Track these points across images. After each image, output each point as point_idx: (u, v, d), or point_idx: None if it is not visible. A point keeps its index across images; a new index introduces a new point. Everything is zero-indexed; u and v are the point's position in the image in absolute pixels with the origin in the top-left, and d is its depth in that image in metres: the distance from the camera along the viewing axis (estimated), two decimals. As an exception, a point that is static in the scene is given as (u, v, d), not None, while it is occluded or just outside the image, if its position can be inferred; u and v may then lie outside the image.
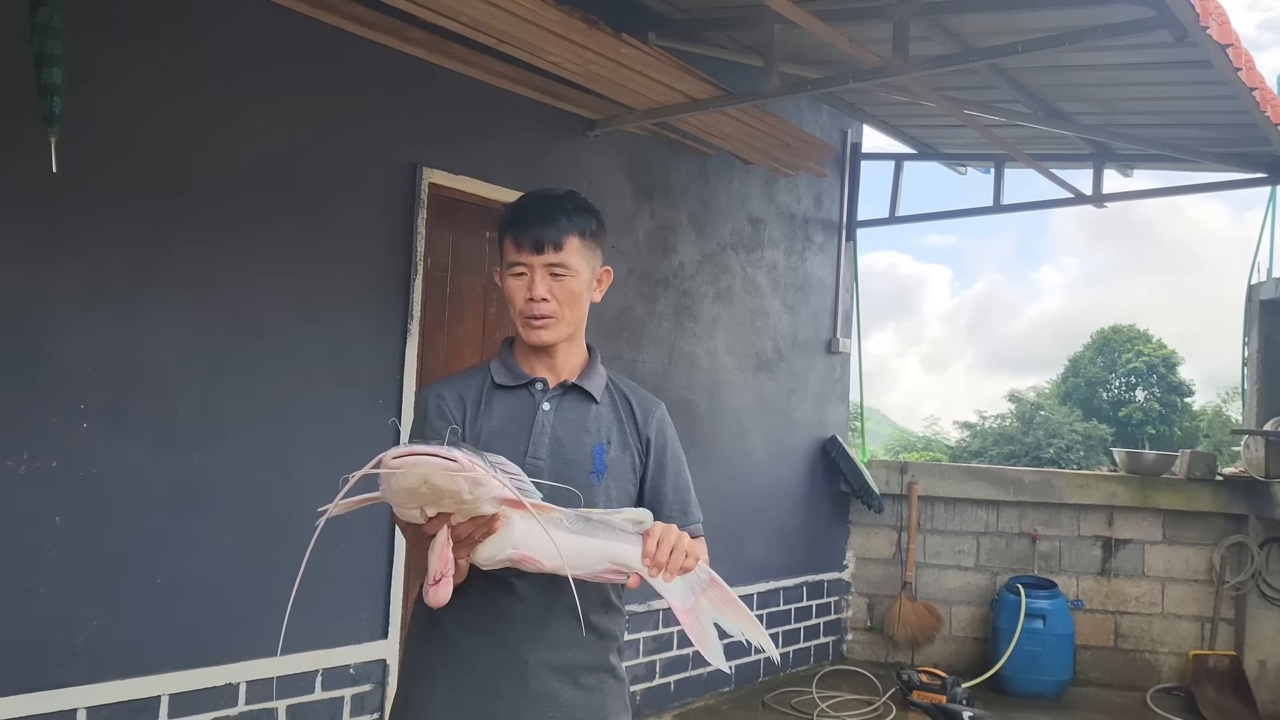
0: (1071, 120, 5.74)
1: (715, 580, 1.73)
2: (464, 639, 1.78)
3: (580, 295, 1.87)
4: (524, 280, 1.84)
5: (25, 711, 2.99)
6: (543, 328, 1.84)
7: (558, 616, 1.78)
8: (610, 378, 1.97)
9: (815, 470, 6.62)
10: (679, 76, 4.38)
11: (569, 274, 1.84)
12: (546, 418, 1.85)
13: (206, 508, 3.44)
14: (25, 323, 3.02)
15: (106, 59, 3.20)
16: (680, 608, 1.71)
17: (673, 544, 1.65)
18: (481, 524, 1.54)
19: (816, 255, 6.70)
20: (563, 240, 1.83)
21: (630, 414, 1.93)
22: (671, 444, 1.96)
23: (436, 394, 1.88)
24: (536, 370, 1.90)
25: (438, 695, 1.78)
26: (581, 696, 1.81)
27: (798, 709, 5.48)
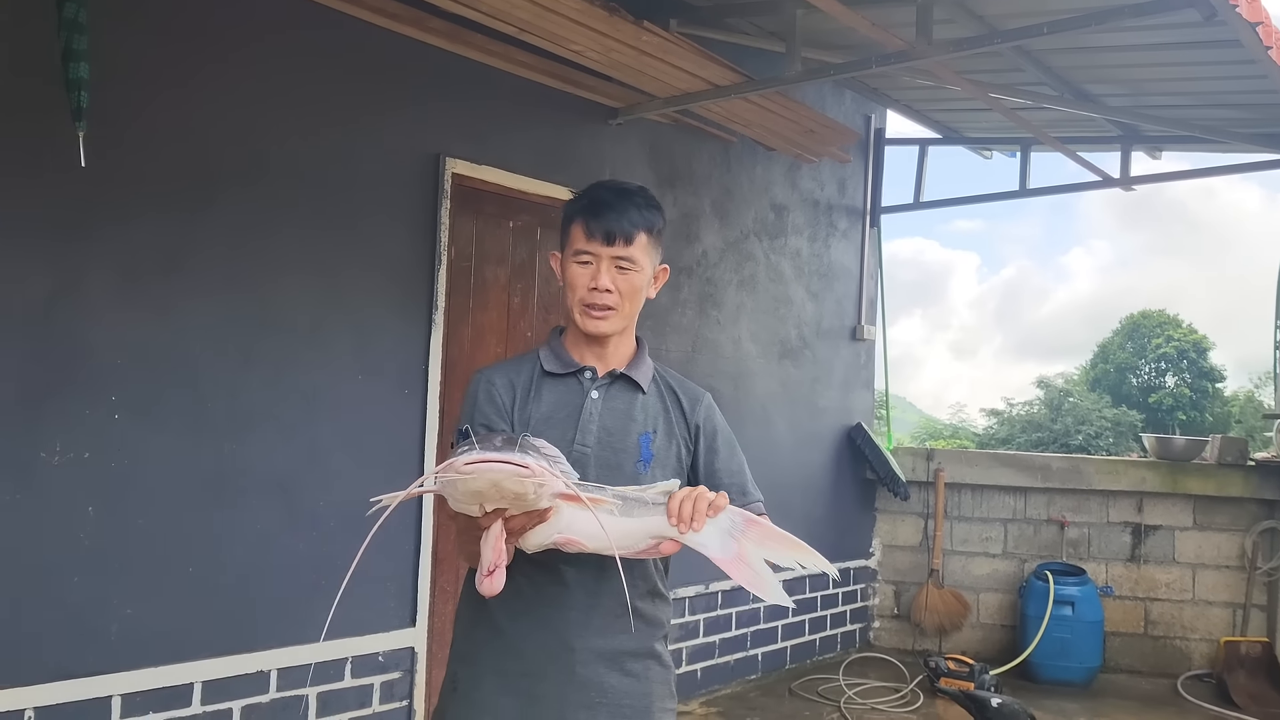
0: (1098, 102, 5.67)
1: (751, 519, 1.70)
2: (512, 624, 1.81)
3: (641, 290, 1.90)
4: (589, 269, 1.87)
5: (62, 699, 3.04)
6: (602, 318, 1.87)
7: (604, 603, 1.80)
8: (657, 369, 1.99)
9: (841, 458, 6.60)
10: (701, 63, 4.36)
11: (634, 268, 1.87)
12: (594, 406, 1.87)
13: (236, 497, 3.48)
14: (57, 316, 3.06)
15: (132, 53, 3.23)
16: (722, 558, 1.68)
17: (694, 497, 1.64)
18: (536, 517, 1.56)
19: (840, 242, 6.67)
20: (633, 235, 1.85)
21: (677, 404, 1.96)
22: (722, 429, 1.99)
23: (487, 379, 1.91)
24: (586, 359, 1.92)
25: (485, 678, 1.81)
26: (627, 683, 1.82)
27: (825, 696, 5.48)
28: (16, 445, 2.98)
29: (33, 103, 2.97)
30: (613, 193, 1.89)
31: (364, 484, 3.80)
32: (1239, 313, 74.89)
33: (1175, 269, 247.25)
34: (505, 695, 1.79)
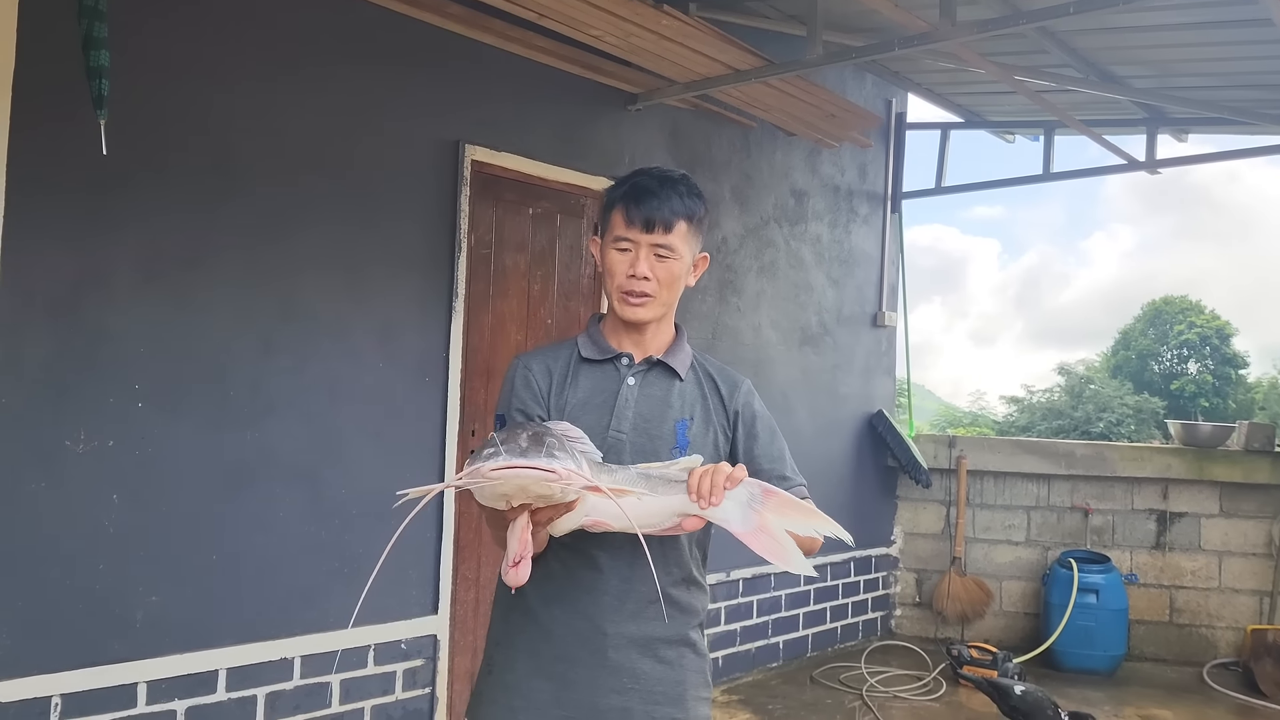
0: (1124, 84, 5.59)
1: (769, 490, 1.69)
2: (545, 609, 1.80)
3: (679, 278, 1.87)
4: (628, 256, 1.84)
5: (88, 685, 3.06)
6: (640, 305, 1.85)
7: (638, 589, 1.79)
8: (696, 356, 1.98)
9: (862, 445, 6.56)
10: (720, 47, 4.32)
11: (673, 256, 1.84)
12: (630, 392, 1.86)
13: (258, 486, 3.48)
14: (81, 304, 3.07)
15: (153, 40, 3.22)
16: (744, 531, 1.66)
17: (712, 472, 1.62)
18: (562, 508, 1.55)
19: (861, 228, 6.62)
20: (673, 223, 1.83)
21: (715, 391, 1.94)
22: (761, 414, 1.97)
23: (524, 366, 1.90)
24: (623, 345, 1.91)
25: (519, 661, 1.81)
26: (660, 670, 1.81)
27: (846, 684, 5.46)
28: (42, 433, 2.99)
29: (54, 91, 2.97)
30: (655, 180, 1.86)
31: (385, 472, 3.80)
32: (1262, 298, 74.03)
33: (1199, 254, 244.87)
34: (538, 678, 1.79)
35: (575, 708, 1.77)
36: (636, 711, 1.78)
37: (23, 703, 2.94)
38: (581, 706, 1.77)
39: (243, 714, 3.42)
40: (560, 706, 1.77)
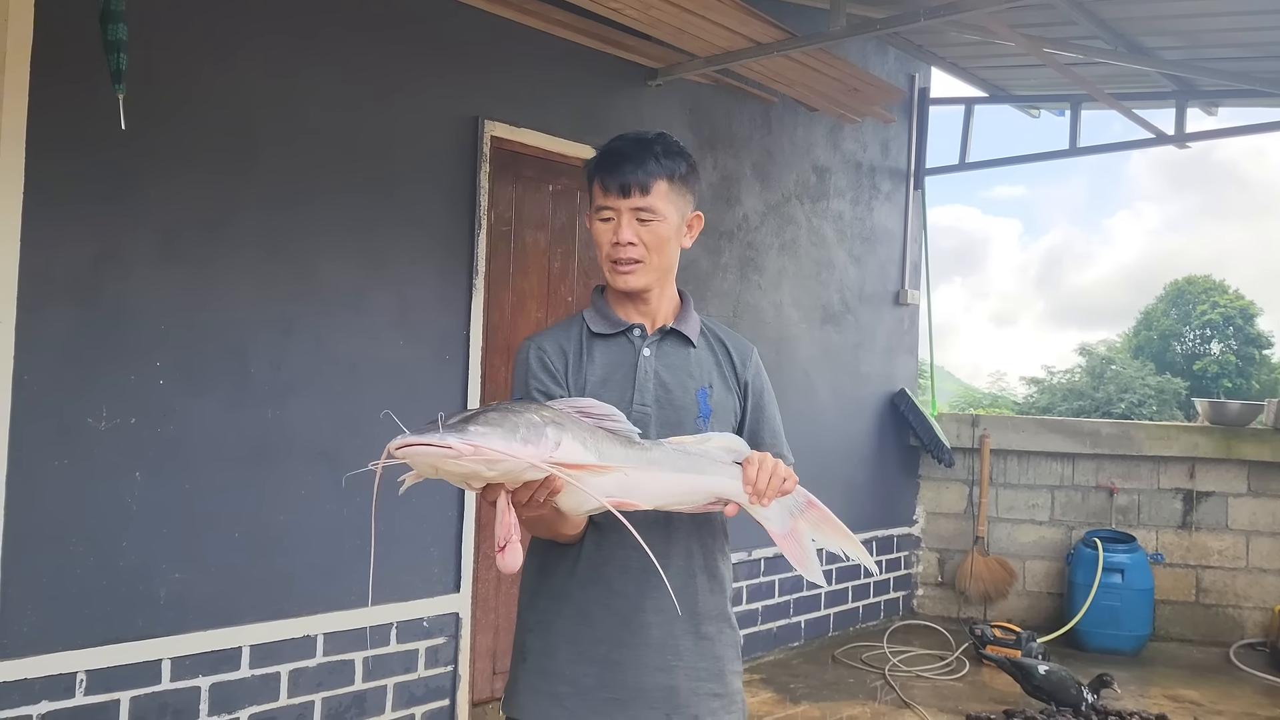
0: (1153, 55, 5.49)
1: (812, 501, 1.74)
2: (580, 591, 1.77)
3: (668, 240, 1.82)
4: (611, 225, 1.80)
5: (113, 661, 3.07)
6: (629, 272, 1.80)
7: (675, 564, 1.76)
8: (704, 322, 1.95)
9: (884, 424, 6.51)
10: (742, 19, 4.25)
11: (656, 219, 1.79)
12: (648, 363, 1.82)
13: (280, 463, 3.48)
14: (101, 281, 3.06)
15: (171, 15, 3.19)
16: (778, 532, 1.71)
17: (771, 470, 1.64)
18: (541, 487, 1.48)
19: (884, 205, 6.54)
20: (650, 184, 1.77)
21: (728, 357, 1.92)
22: (767, 388, 1.96)
23: (537, 346, 1.85)
24: (631, 316, 1.86)
25: (559, 648, 1.77)
26: (702, 646, 1.80)
27: (869, 664, 5.44)
28: (64, 410, 2.99)
29: (72, 66, 2.95)
30: (629, 143, 1.81)
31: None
32: (1289, 277, 73.09)
33: (1224, 232, 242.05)
34: (581, 663, 1.75)
35: (621, 689, 1.74)
36: (683, 689, 1.77)
37: (48, 679, 2.95)
38: (627, 688, 1.74)
39: (267, 691, 3.43)
40: (606, 689, 1.74)
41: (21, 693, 2.90)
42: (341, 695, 3.64)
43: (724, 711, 1.82)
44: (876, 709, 4.76)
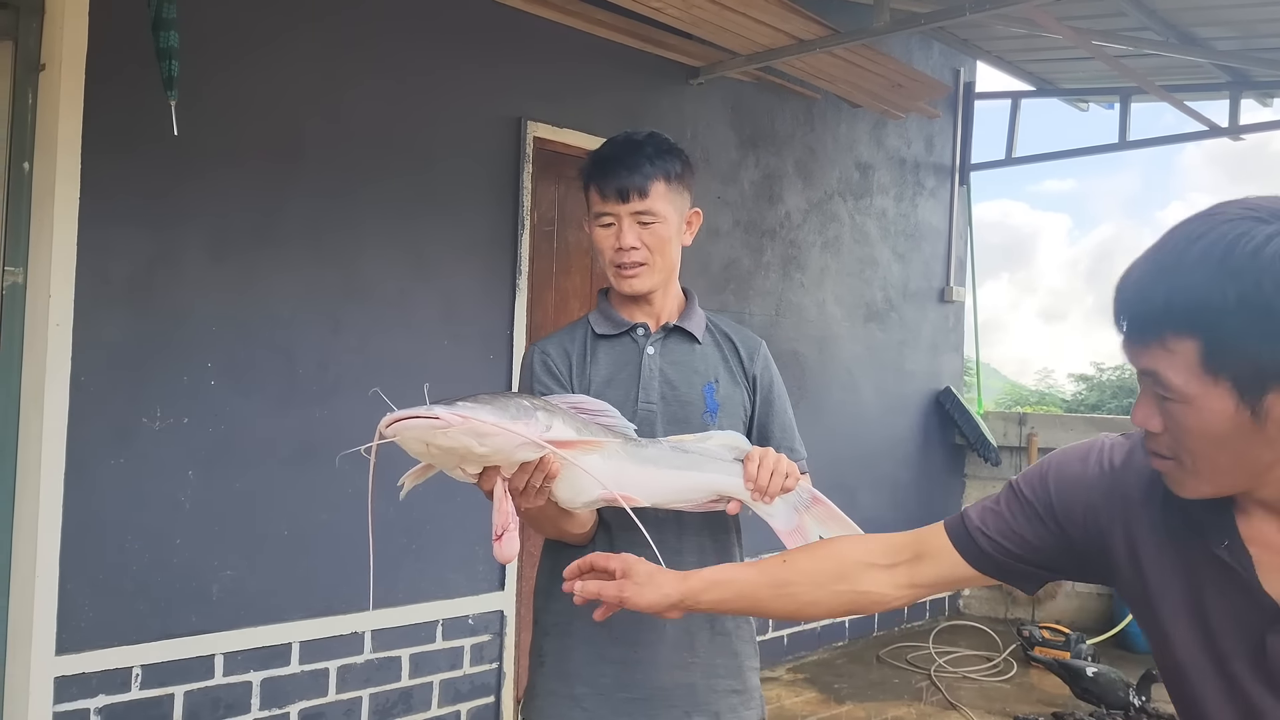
0: (1206, 46, 5.37)
1: (818, 497, 1.71)
2: None
3: (670, 241, 1.81)
4: (612, 230, 1.79)
5: (168, 656, 3.14)
6: (634, 276, 1.80)
7: (688, 561, 1.75)
8: (710, 317, 1.93)
9: (929, 422, 6.45)
10: (784, 16, 4.24)
11: (657, 220, 1.78)
12: (653, 361, 1.82)
13: (328, 462, 3.52)
14: (154, 284, 3.12)
15: (220, 21, 3.25)
16: (783, 529, 1.69)
17: (773, 466, 1.62)
18: (533, 470, 1.48)
19: (928, 201, 6.48)
20: (648, 187, 1.76)
21: (734, 352, 1.90)
22: (776, 381, 1.93)
23: (541, 351, 1.87)
24: (635, 316, 1.86)
25: (576, 650, 1.78)
26: (718, 642, 1.80)
27: (914, 664, 5.39)
28: (120, 410, 3.05)
29: (125, 72, 3.01)
30: (621, 147, 1.80)
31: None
32: (1347, 271, 70.92)
33: None
34: (599, 664, 1.76)
35: (639, 689, 1.75)
36: (701, 687, 1.77)
37: (105, 673, 3.02)
38: (645, 687, 1.75)
39: (316, 687, 3.48)
40: (624, 689, 1.75)
41: (80, 686, 2.97)
42: (389, 691, 3.68)
43: (743, 708, 1.82)
44: (922, 710, 4.72)
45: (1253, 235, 0.92)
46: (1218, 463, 1.00)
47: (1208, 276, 0.93)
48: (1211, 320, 0.93)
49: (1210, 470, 1.01)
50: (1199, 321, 0.94)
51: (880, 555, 1.39)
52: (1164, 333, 0.97)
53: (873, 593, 1.37)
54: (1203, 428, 0.98)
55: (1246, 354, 0.93)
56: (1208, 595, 1.08)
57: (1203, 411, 0.97)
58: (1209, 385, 0.96)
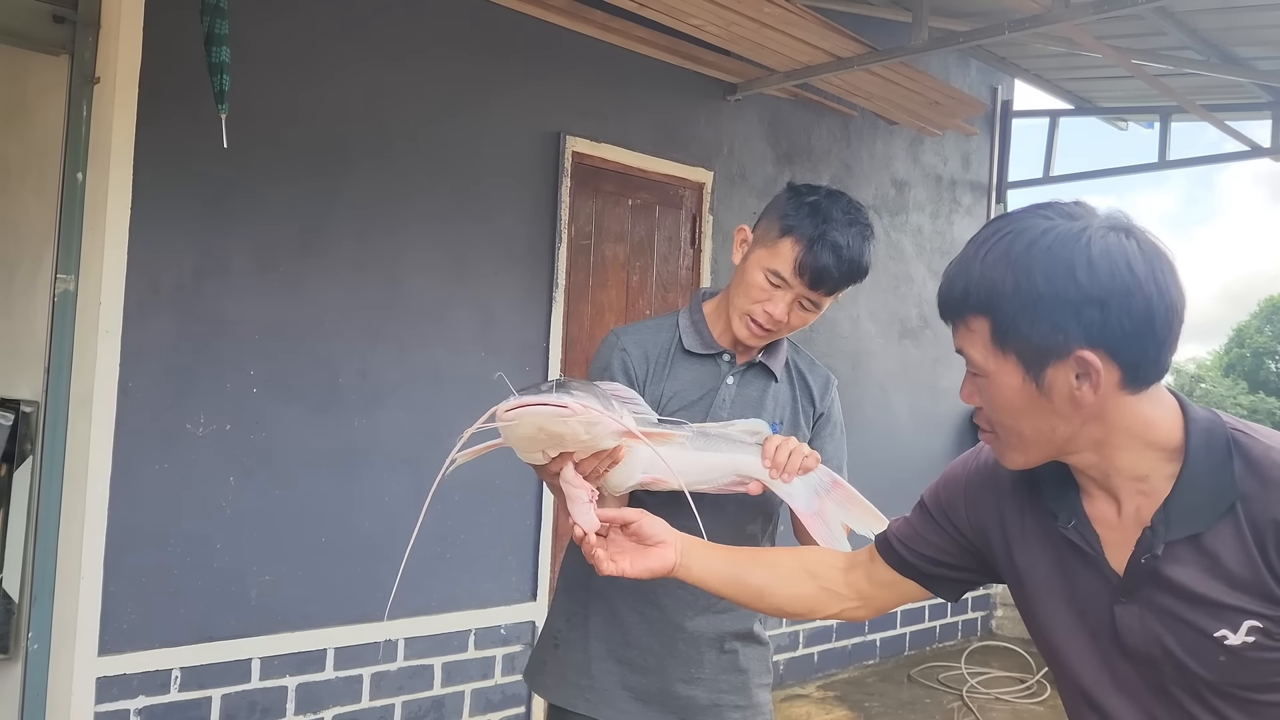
0: (1248, 66, 5.33)
1: (838, 481, 1.71)
2: (619, 595, 1.81)
3: (805, 324, 1.82)
4: (775, 292, 1.75)
5: (207, 660, 3.19)
6: (760, 338, 1.81)
7: None
8: (790, 354, 1.94)
9: (963, 441, 6.40)
10: (823, 34, 4.25)
11: (813, 311, 1.79)
12: (729, 392, 1.84)
13: (365, 470, 3.57)
14: (201, 292, 3.19)
15: (269, 37, 3.32)
16: (804, 511, 1.70)
17: (791, 447, 1.64)
18: (605, 457, 1.52)
19: (964, 218, 6.45)
20: (834, 290, 1.76)
21: (806, 391, 1.92)
22: (836, 417, 1.94)
23: (622, 347, 1.85)
24: (724, 340, 1.86)
25: (590, 643, 1.82)
26: (725, 660, 1.83)
27: (946, 684, 5.35)
28: (165, 416, 3.12)
29: (177, 86, 3.09)
30: (846, 233, 1.73)
31: (487, 459, 3.84)
32: (1392, 294, 69.86)
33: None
34: (608, 660, 1.81)
35: (642, 692, 1.79)
36: (702, 699, 1.81)
37: (146, 674, 3.07)
38: (649, 692, 1.79)
39: (350, 693, 3.52)
40: (628, 689, 1.80)
41: (120, 687, 3.02)
42: (421, 699, 3.71)
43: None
44: (954, 731, 4.68)
45: (1033, 230, 1.06)
46: (1020, 432, 1.12)
47: (995, 264, 1.07)
48: (996, 302, 1.06)
49: (1017, 440, 1.13)
50: (988, 303, 1.07)
51: (842, 559, 1.51)
52: (965, 313, 1.11)
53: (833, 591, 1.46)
54: (1001, 399, 1.11)
55: (1024, 333, 1.05)
56: (1070, 573, 1.17)
57: (999, 384, 1.10)
58: (1000, 360, 1.09)
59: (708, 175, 4.73)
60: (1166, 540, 1.08)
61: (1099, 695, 1.17)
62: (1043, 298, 1.03)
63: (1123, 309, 1.02)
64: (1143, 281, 1.03)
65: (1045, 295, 1.03)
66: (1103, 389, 1.06)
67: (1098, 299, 1.02)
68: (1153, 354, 1.05)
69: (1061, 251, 1.04)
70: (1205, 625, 1.06)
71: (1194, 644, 1.07)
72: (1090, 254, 1.03)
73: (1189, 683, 1.09)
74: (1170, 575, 1.08)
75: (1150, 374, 1.07)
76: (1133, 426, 1.09)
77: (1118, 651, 1.14)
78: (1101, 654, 1.16)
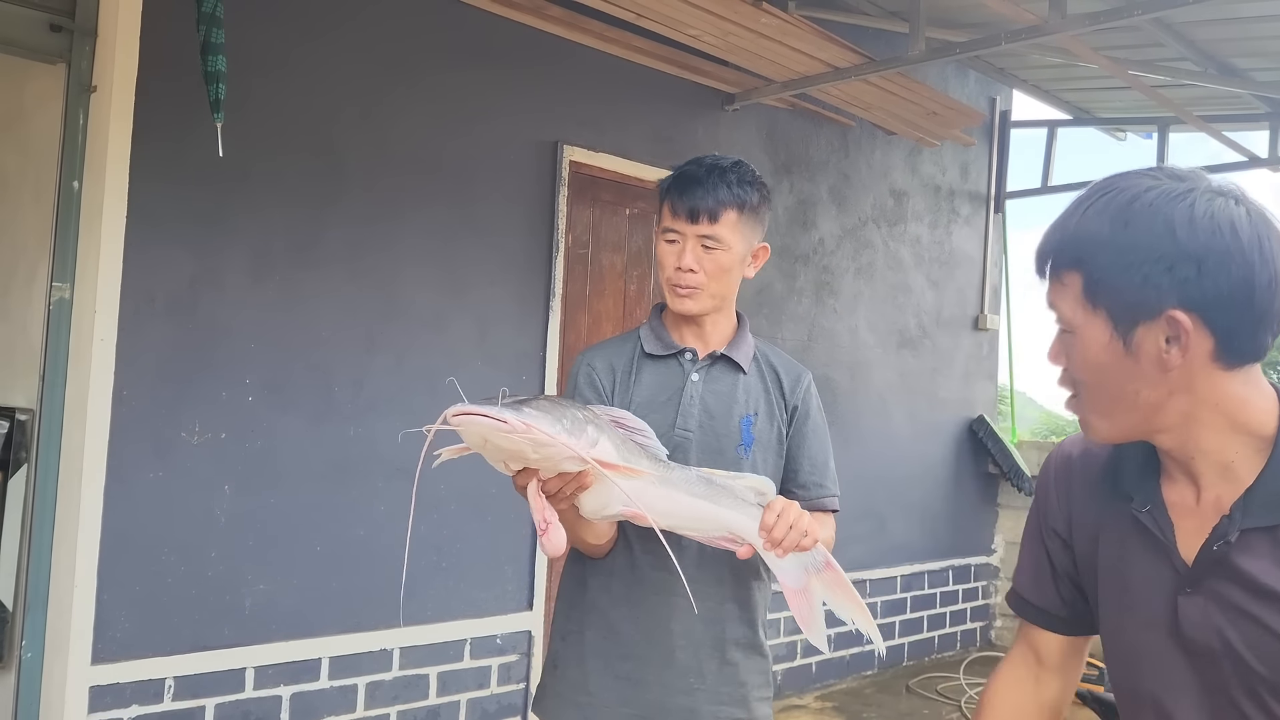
0: (1246, 77, 5.34)
1: (831, 563, 1.69)
2: (614, 609, 1.80)
3: (730, 270, 1.82)
4: (675, 247, 1.82)
5: (200, 669, 3.18)
6: (687, 297, 1.82)
7: (706, 590, 1.77)
8: (758, 347, 1.94)
9: (961, 451, 6.40)
10: (820, 44, 4.27)
11: (720, 247, 1.79)
12: (695, 388, 1.83)
13: (360, 480, 3.57)
14: (197, 301, 3.19)
15: (264, 46, 3.33)
16: (791, 586, 1.68)
17: (791, 520, 1.61)
18: (569, 480, 1.51)
19: (963, 228, 6.46)
20: (719, 212, 1.78)
21: (778, 383, 1.90)
22: (814, 415, 1.92)
23: (587, 363, 1.89)
24: (686, 339, 1.88)
25: (587, 660, 1.81)
26: (726, 671, 1.81)
27: (944, 695, 5.33)
28: (160, 424, 3.11)
29: (173, 95, 3.09)
30: (704, 169, 1.81)
31: (482, 469, 3.84)
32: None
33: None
34: (606, 676, 1.79)
35: (643, 706, 1.77)
36: (703, 712, 1.78)
37: (139, 683, 3.06)
38: (649, 705, 1.77)
39: (344, 702, 3.51)
40: (627, 705, 1.78)
41: (114, 696, 3.01)
42: (416, 709, 3.70)
43: None
44: (951, 742, 4.66)
45: (1136, 188, 1.04)
46: (1104, 394, 1.09)
47: (1093, 218, 1.05)
48: (1091, 255, 1.05)
49: (1100, 403, 1.10)
50: (1082, 256, 1.05)
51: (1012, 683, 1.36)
52: (1059, 268, 1.09)
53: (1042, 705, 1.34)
54: (1088, 357, 1.08)
55: (1116, 287, 1.03)
56: (1132, 560, 1.14)
57: (1086, 340, 1.07)
58: (1090, 315, 1.06)
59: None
60: (1243, 527, 1.04)
61: (1154, 690, 1.13)
62: (1138, 249, 1.01)
63: (1220, 270, 0.98)
64: (1246, 247, 0.99)
65: (1140, 247, 1.01)
66: (1192, 356, 1.02)
67: (1195, 256, 0.98)
68: (1249, 327, 1.01)
69: (1163, 207, 1.01)
70: (1271, 620, 1.03)
71: (1256, 639, 1.04)
72: (1193, 212, 1.00)
73: (1246, 680, 1.06)
74: (1241, 565, 1.04)
75: (1246, 349, 1.03)
76: (1222, 404, 1.05)
77: (1175, 645, 1.10)
78: (1157, 647, 1.12)
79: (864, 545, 5.56)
